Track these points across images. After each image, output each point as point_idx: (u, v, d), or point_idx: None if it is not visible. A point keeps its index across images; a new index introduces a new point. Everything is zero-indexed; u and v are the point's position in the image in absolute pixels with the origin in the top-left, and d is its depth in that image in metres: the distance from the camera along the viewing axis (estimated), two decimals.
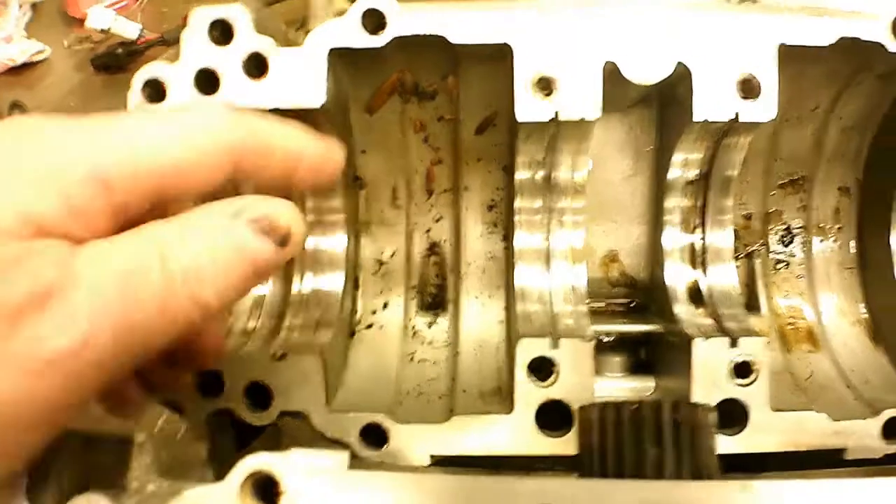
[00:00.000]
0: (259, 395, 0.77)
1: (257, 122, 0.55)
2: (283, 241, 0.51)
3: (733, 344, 0.77)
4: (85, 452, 0.58)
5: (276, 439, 0.80)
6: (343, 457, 0.51)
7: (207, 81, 0.76)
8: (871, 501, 0.52)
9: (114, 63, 1.55)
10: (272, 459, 0.52)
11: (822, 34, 0.76)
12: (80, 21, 1.57)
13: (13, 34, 1.63)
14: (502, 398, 0.84)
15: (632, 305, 0.96)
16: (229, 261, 0.49)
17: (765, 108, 0.76)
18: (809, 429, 0.78)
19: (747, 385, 0.77)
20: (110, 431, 0.60)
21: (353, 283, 0.93)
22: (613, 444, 0.61)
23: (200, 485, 0.52)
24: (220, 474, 0.53)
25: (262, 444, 0.80)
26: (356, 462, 0.53)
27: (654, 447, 0.59)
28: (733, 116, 0.76)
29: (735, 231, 0.96)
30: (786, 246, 0.99)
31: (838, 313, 0.96)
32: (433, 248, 0.96)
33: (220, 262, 0.49)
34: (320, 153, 0.60)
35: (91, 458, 0.58)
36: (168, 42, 1.49)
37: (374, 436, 0.75)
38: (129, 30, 1.51)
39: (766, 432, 0.76)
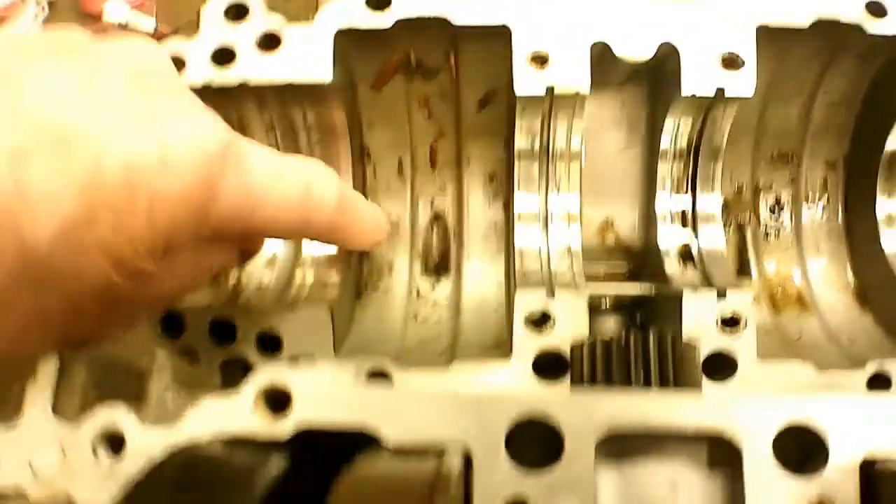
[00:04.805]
0: (270, 343, 0.81)
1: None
2: None
3: (721, 296, 0.81)
4: (109, 374, 0.62)
5: None
6: (350, 368, 0.55)
7: (223, 56, 0.82)
8: (845, 416, 0.55)
9: None
10: (284, 372, 0.56)
11: (799, 15, 0.81)
12: (97, 17, 1.62)
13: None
14: (502, 352, 0.87)
15: (627, 271, 1.00)
16: None
17: (746, 85, 0.80)
18: (796, 379, 0.81)
19: (735, 336, 0.80)
20: (131, 360, 0.65)
21: None
22: (603, 375, 0.64)
23: (216, 395, 0.56)
24: None
25: None
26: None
27: (642, 378, 0.63)
28: (718, 91, 0.80)
29: (726, 202, 1.01)
30: (775, 216, 1.03)
31: (826, 279, 1.00)
32: (437, 217, 1.01)
33: None
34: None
35: (114, 381, 0.62)
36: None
37: (380, 381, 0.79)
38: (144, 24, 1.56)
39: (753, 382, 0.80)
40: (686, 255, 0.90)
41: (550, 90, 0.80)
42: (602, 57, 0.82)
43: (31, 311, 0.50)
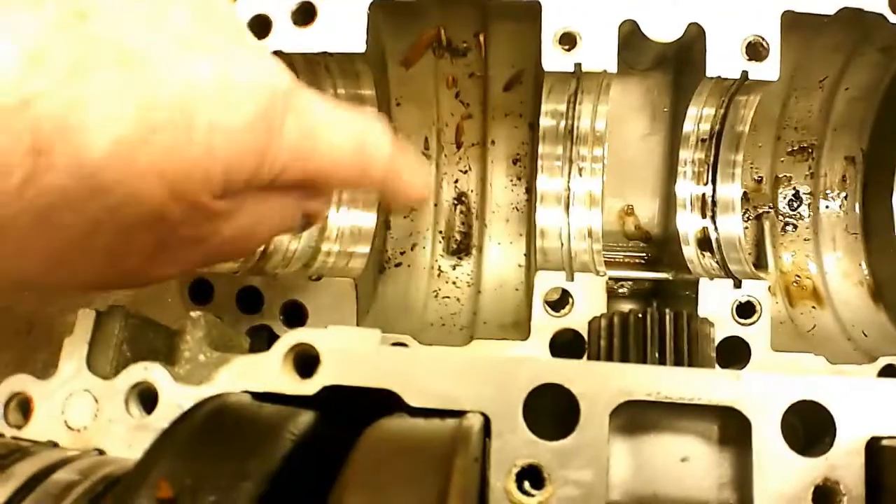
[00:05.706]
0: (295, 313, 0.83)
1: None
2: None
3: (737, 285, 0.82)
4: (142, 333, 0.64)
5: None
6: (376, 333, 0.57)
7: (260, 27, 0.84)
8: (853, 397, 0.56)
9: None
10: (312, 334, 0.57)
11: (825, 3, 0.82)
12: None
13: None
14: (520, 331, 0.89)
15: (645, 258, 1.02)
16: None
17: (770, 69, 0.82)
18: (808, 370, 0.83)
19: (750, 325, 0.82)
20: (163, 323, 0.67)
21: (384, 223, 0.99)
22: (619, 349, 0.66)
23: (247, 356, 0.58)
24: None
25: None
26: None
27: (656, 352, 0.65)
28: (742, 74, 0.82)
29: (746, 193, 1.02)
30: (794, 209, 1.04)
31: (842, 274, 1.01)
32: (460, 198, 1.03)
33: None
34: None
35: (147, 340, 0.64)
36: None
37: None
38: None
39: (766, 370, 0.81)
40: (704, 243, 0.91)
41: (578, 67, 0.82)
42: (630, 38, 0.84)
43: (76, 231, 0.50)
